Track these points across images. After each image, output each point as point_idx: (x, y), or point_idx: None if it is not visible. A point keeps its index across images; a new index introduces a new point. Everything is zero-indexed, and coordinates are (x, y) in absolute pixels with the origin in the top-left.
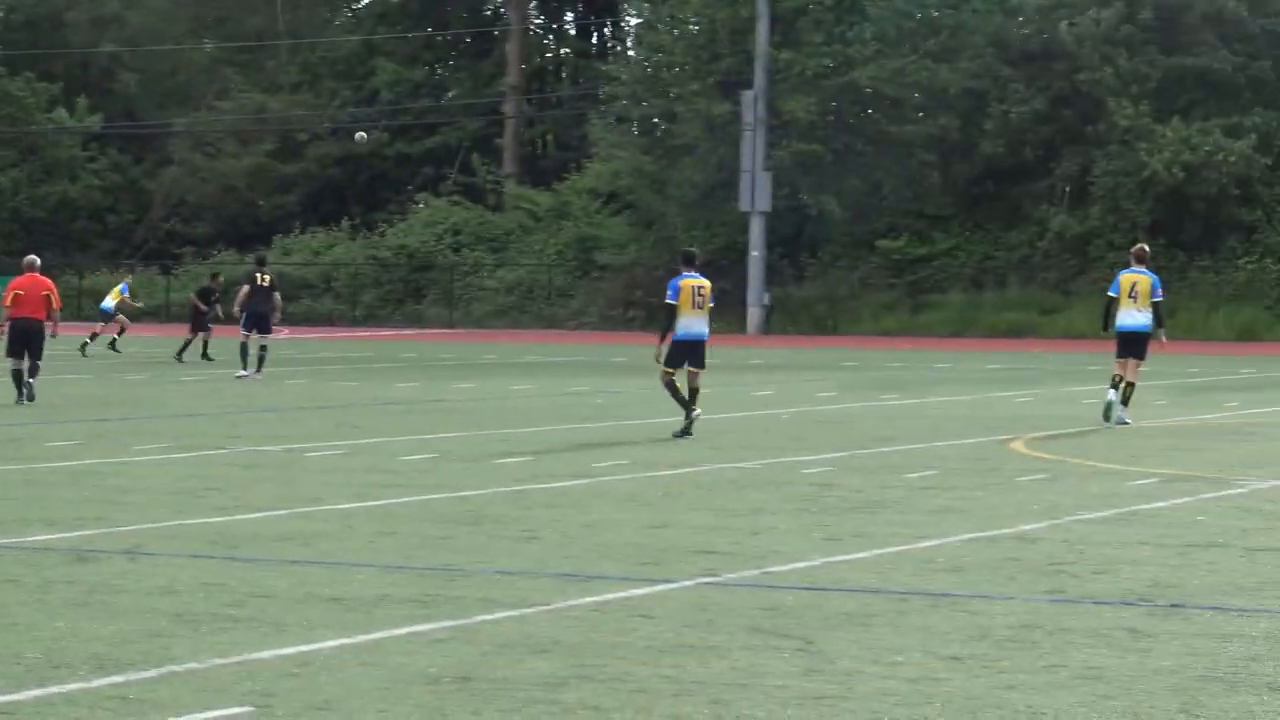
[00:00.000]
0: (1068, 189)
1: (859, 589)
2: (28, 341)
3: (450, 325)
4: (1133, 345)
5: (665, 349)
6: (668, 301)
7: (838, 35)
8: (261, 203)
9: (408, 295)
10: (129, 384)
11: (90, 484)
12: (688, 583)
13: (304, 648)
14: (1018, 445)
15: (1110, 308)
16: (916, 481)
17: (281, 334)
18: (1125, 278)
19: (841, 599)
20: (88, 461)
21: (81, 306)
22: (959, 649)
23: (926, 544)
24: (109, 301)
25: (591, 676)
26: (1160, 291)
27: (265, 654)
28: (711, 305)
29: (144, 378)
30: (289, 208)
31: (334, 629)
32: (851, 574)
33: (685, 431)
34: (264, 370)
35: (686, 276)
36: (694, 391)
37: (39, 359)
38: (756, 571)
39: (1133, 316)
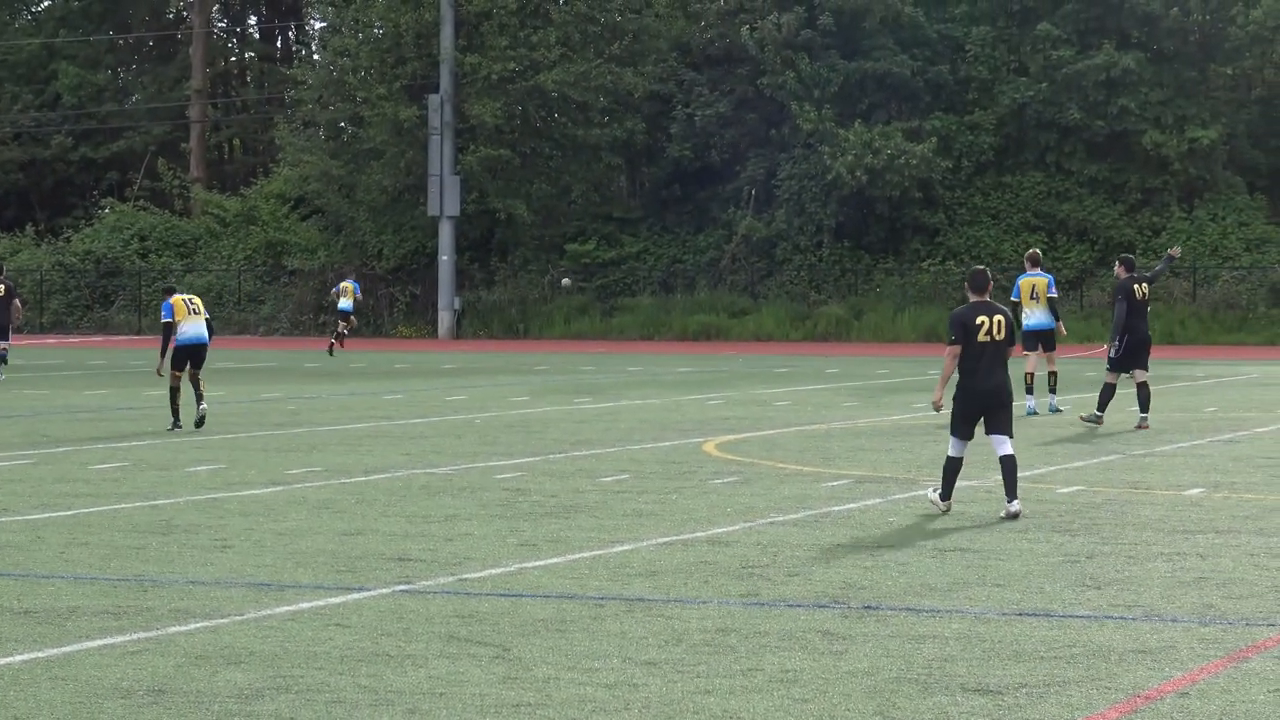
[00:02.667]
0: (754, 192)
1: (555, 595)
2: None
3: (139, 331)
4: (1043, 339)
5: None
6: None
7: (522, 39)
8: None
9: (95, 301)
10: None
11: None
12: (383, 590)
13: None
14: (710, 448)
15: (1016, 312)
16: (611, 485)
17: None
18: (1024, 281)
19: (537, 605)
20: None
21: None
22: (655, 654)
23: (621, 548)
24: None
25: (287, 687)
26: (1055, 290)
27: None
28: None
29: None
30: None
31: (24, 643)
32: (546, 579)
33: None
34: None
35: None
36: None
37: None
38: (452, 578)
39: (1037, 316)
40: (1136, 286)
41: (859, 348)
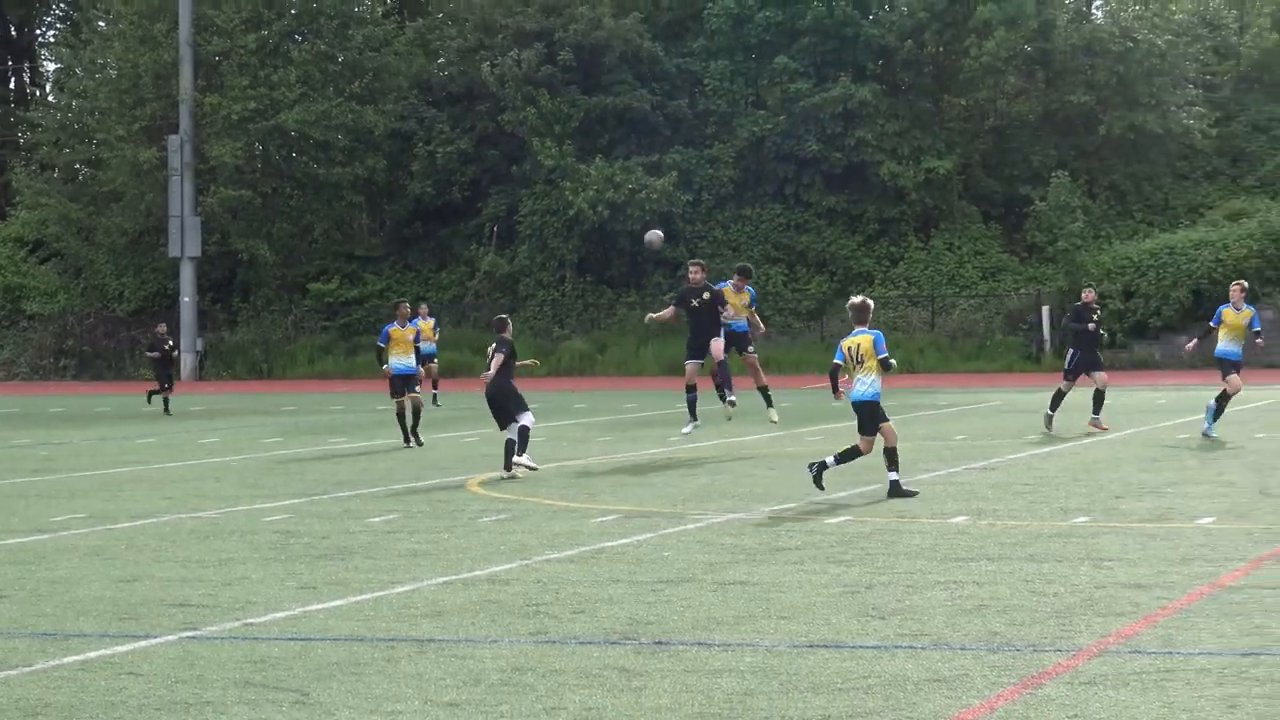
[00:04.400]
0: (495, 229)
1: (344, 637)
2: None
3: None
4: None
5: None
6: None
7: (263, 79)
8: None
9: None
10: None
11: None
12: (169, 637)
13: None
14: (474, 486)
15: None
16: (380, 526)
17: None
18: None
19: (328, 648)
20: None
21: None
22: (455, 695)
23: (402, 589)
24: None
25: None
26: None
27: None
28: None
29: None
30: None
31: None
32: (334, 622)
33: None
34: None
35: None
36: None
37: None
38: (237, 623)
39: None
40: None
41: (603, 381)
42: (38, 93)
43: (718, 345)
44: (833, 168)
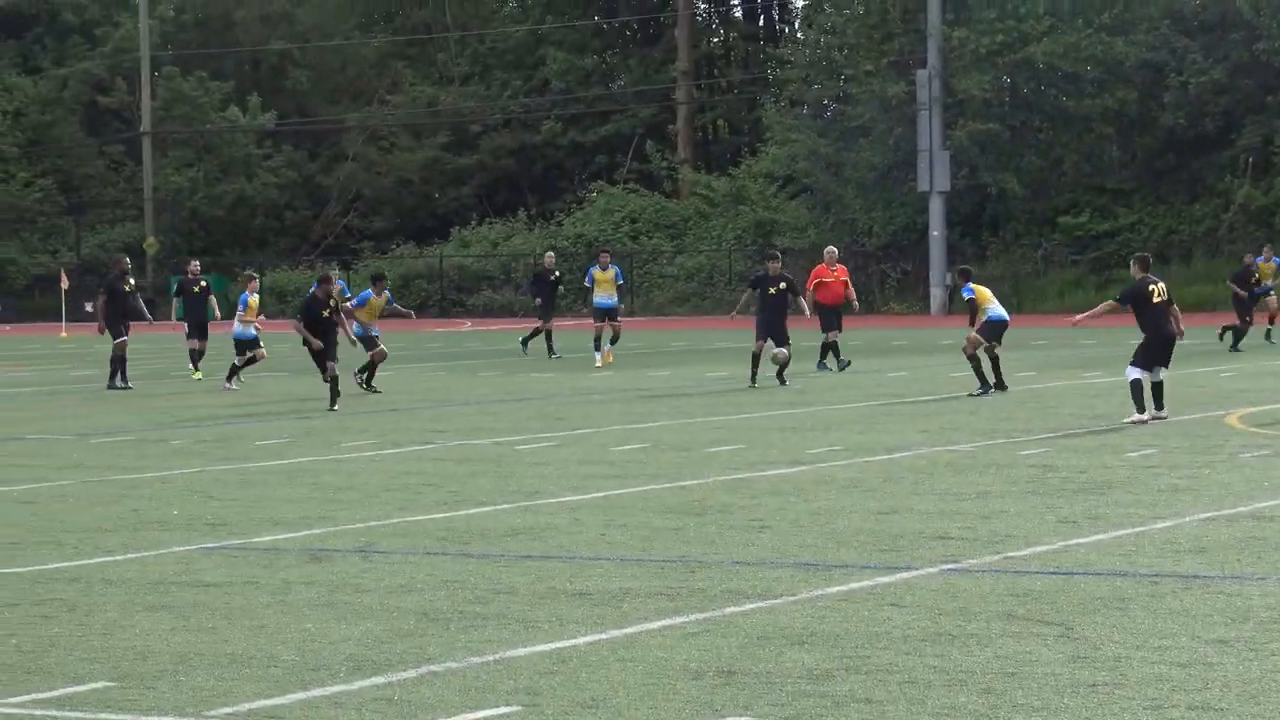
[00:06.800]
0: (1251, 160)
1: (1106, 572)
2: None
3: (631, 314)
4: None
5: None
6: None
7: (1011, 11)
8: (437, 195)
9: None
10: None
11: (307, 482)
12: (930, 570)
13: (558, 644)
14: (1232, 420)
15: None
16: (1138, 461)
17: (464, 325)
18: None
19: (1091, 583)
20: (301, 460)
21: (263, 303)
22: (1224, 632)
23: (1163, 524)
24: None
25: (857, 668)
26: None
27: (521, 651)
28: None
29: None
30: (465, 200)
31: (585, 624)
32: (1095, 557)
33: None
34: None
35: None
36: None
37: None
38: (998, 557)
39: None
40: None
41: None
42: (786, 29)
43: None
44: None
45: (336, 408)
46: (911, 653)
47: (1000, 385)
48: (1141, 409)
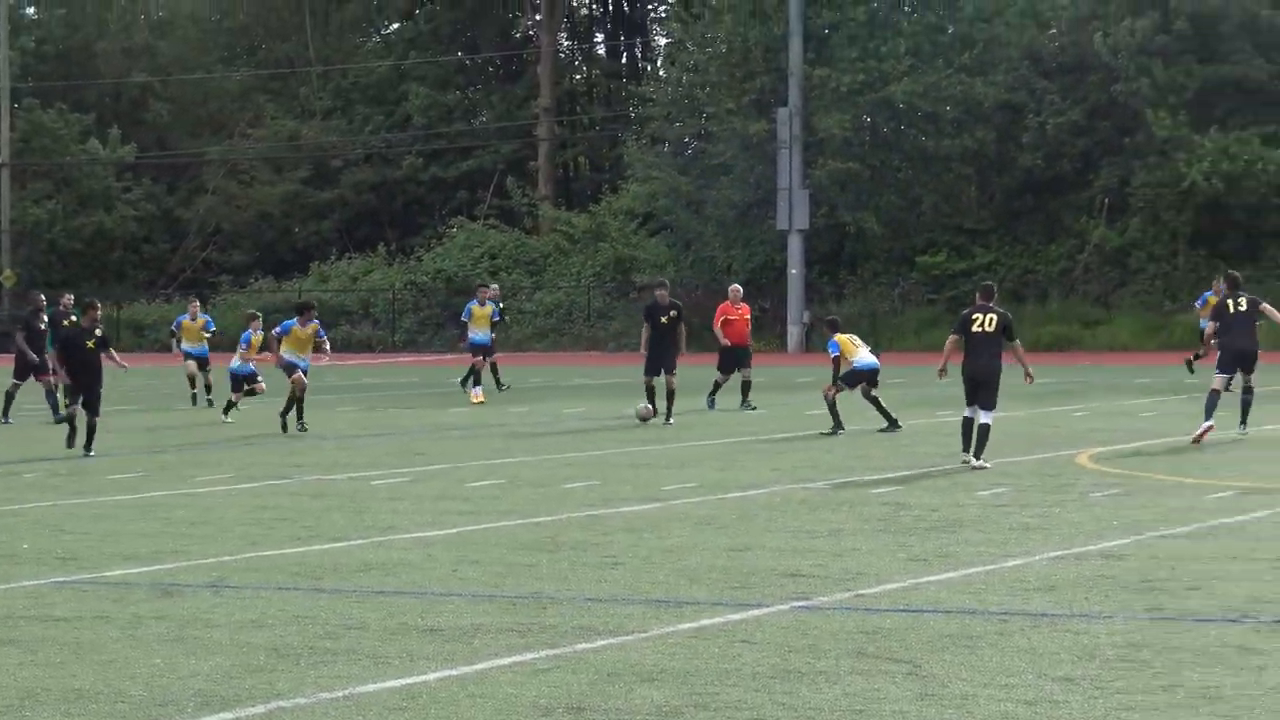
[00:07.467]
0: (1107, 201)
1: (955, 610)
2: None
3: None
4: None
5: None
6: None
7: (871, 51)
8: (297, 229)
9: (447, 319)
10: (180, 415)
11: (160, 516)
12: (781, 607)
13: (408, 680)
14: (1083, 460)
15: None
16: (989, 499)
17: (322, 361)
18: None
19: (940, 621)
20: (154, 494)
21: (120, 336)
22: (1070, 670)
23: (1013, 563)
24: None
25: (705, 705)
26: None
27: (370, 687)
28: None
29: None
30: (325, 234)
31: (435, 661)
32: (945, 595)
33: None
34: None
35: None
36: None
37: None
38: (848, 594)
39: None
40: (1230, 302)
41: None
42: (649, 67)
43: None
44: None
45: (74, 447)
46: (760, 690)
47: (893, 423)
48: (965, 448)
